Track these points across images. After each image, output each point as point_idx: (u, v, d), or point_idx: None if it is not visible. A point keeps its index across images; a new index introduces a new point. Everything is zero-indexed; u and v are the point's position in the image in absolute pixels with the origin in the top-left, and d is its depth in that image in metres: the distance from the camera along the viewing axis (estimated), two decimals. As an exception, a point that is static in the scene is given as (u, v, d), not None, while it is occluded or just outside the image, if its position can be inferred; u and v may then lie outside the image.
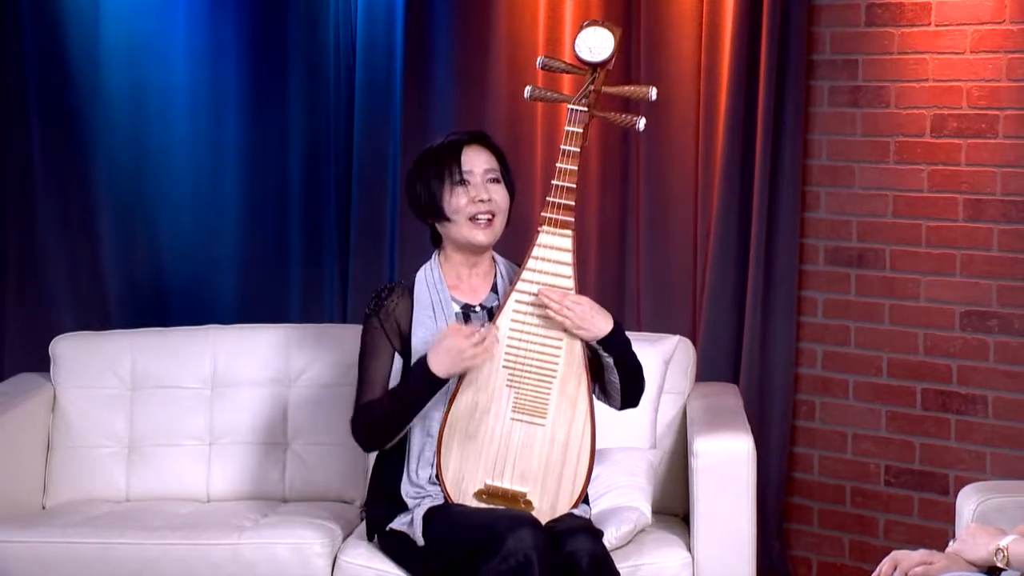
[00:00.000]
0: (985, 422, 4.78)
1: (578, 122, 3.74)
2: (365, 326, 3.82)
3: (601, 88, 3.77)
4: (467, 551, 3.57)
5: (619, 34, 3.76)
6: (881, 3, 4.92)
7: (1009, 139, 4.72)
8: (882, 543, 4.83)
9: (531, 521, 3.58)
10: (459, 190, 3.76)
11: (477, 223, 3.77)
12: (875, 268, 4.99)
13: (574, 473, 3.71)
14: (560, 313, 3.67)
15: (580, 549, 3.55)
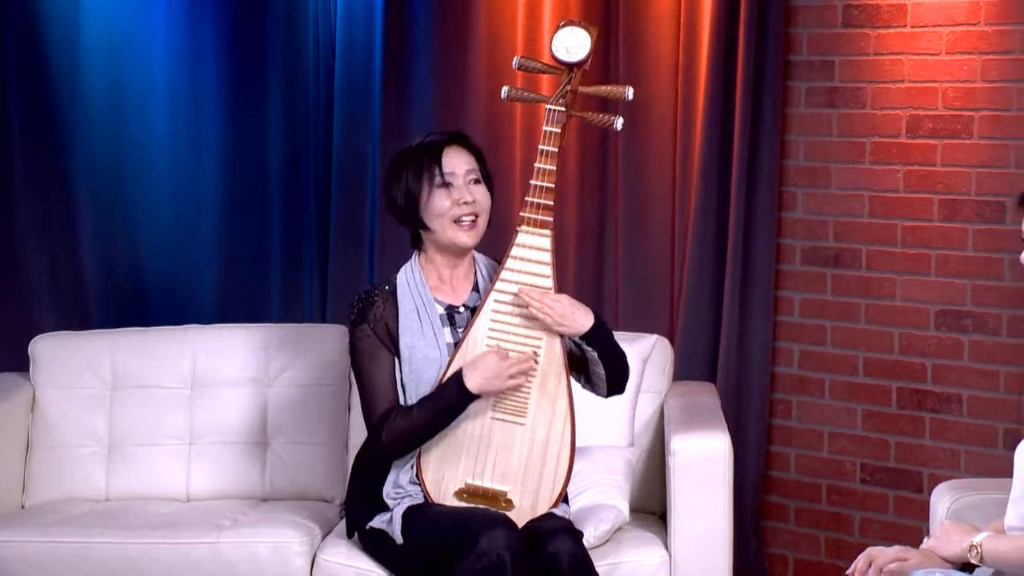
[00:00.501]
0: (959, 420, 4.80)
1: (556, 122, 3.74)
2: (355, 335, 3.78)
3: (578, 88, 3.76)
4: (443, 550, 3.57)
5: (596, 34, 3.76)
6: (858, 5, 4.93)
7: (984, 140, 4.74)
8: (857, 540, 4.84)
9: (505, 521, 3.58)
10: (441, 192, 3.74)
11: (461, 225, 3.76)
12: (851, 268, 5.00)
13: (554, 472, 3.71)
14: (541, 311, 3.67)
15: (561, 550, 3.55)
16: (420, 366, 3.74)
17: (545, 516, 3.70)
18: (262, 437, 4.34)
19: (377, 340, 3.77)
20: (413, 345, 3.75)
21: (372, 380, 3.76)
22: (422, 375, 3.73)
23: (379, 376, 3.76)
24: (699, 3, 5.09)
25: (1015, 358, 4.68)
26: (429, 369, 3.73)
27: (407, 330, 3.77)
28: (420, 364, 3.74)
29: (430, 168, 3.75)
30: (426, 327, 3.77)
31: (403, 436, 3.69)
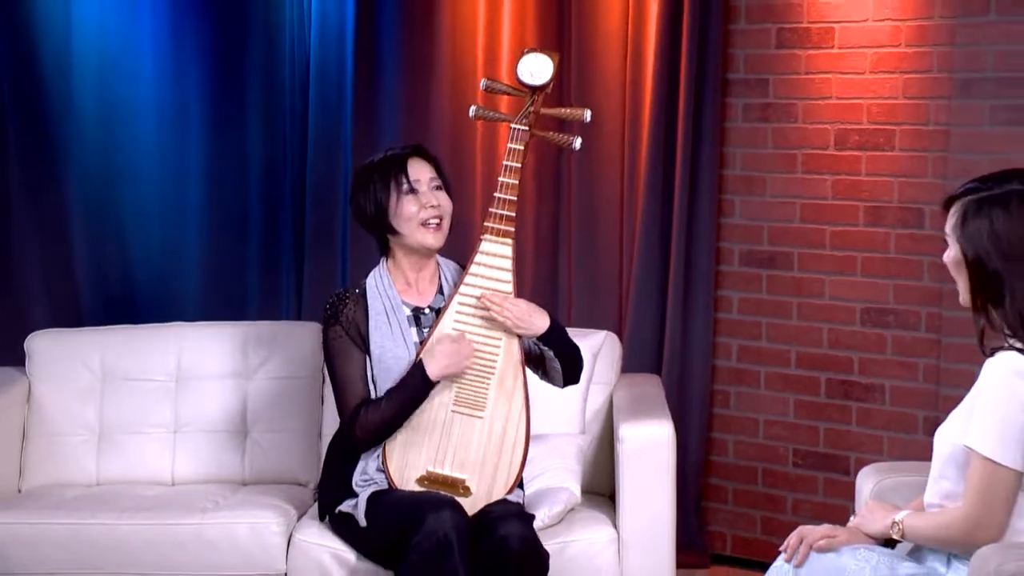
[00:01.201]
0: (883, 409, 4.82)
1: (519, 140, 3.74)
2: (328, 335, 3.78)
3: (540, 110, 3.78)
4: (398, 530, 3.57)
5: (557, 60, 3.77)
6: (790, 28, 4.95)
7: (905, 152, 4.76)
8: (790, 519, 4.86)
9: (452, 504, 3.58)
10: (409, 198, 3.74)
11: (428, 227, 3.76)
12: (784, 269, 5.01)
13: (509, 462, 3.71)
14: (501, 315, 3.68)
15: (512, 534, 3.55)
16: (390, 364, 3.74)
17: (499, 502, 3.70)
18: (242, 426, 4.33)
19: (349, 340, 3.77)
20: (383, 345, 3.75)
21: (345, 377, 3.76)
22: (391, 372, 3.73)
23: (351, 373, 3.76)
24: (644, 26, 5.10)
25: (932, 352, 4.69)
26: (398, 366, 3.73)
27: (377, 331, 3.76)
28: (390, 362, 3.74)
29: (397, 177, 3.76)
30: (394, 327, 3.77)
31: (375, 427, 3.69)
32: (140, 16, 5.29)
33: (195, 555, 3.84)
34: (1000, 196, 2.88)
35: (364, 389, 3.75)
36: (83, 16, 5.21)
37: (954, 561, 2.91)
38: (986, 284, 2.88)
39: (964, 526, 2.86)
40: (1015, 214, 2.86)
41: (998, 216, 2.86)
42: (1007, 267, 2.86)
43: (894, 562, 2.94)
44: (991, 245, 2.86)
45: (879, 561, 2.93)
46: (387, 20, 5.39)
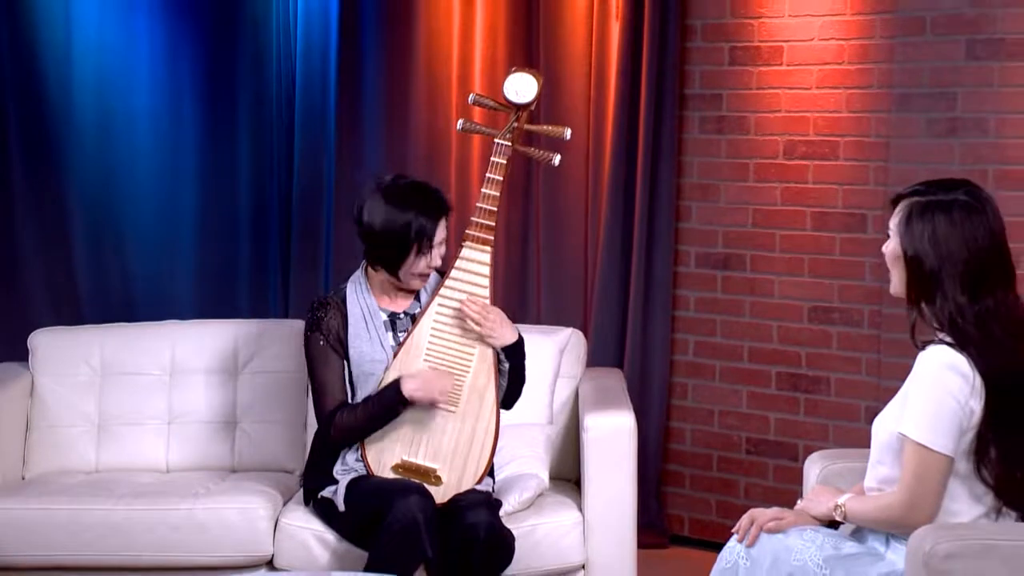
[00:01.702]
0: (828, 400, 4.83)
1: (502, 155, 3.73)
2: (310, 341, 3.78)
3: (524, 126, 3.76)
4: (372, 514, 3.58)
5: (542, 81, 3.74)
6: (742, 46, 4.96)
7: (849, 161, 4.77)
8: (743, 502, 4.85)
9: (420, 490, 3.59)
10: (421, 259, 3.70)
11: (422, 279, 3.76)
12: (737, 270, 5.02)
13: (479, 454, 3.72)
14: (478, 322, 3.68)
15: (479, 521, 3.56)
16: (367, 367, 3.75)
17: (468, 491, 3.70)
18: (232, 417, 4.32)
19: (328, 347, 3.77)
20: (360, 349, 3.75)
21: (323, 381, 3.76)
22: (368, 374, 3.74)
23: (330, 377, 3.76)
24: (607, 44, 5.10)
25: (874, 347, 4.71)
26: (374, 369, 3.74)
27: (356, 337, 3.76)
28: (367, 365, 3.75)
29: (420, 240, 3.67)
30: (372, 333, 3.77)
31: (348, 430, 3.71)
32: (137, 33, 5.28)
33: (188, 538, 3.83)
34: (945, 203, 2.89)
35: (341, 393, 3.75)
36: (83, 33, 5.20)
37: (892, 541, 2.92)
38: (921, 281, 2.90)
39: (901, 509, 2.87)
40: (956, 221, 2.87)
41: (940, 221, 2.87)
42: (942, 268, 2.87)
43: (837, 542, 2.95)
44: (930, 247, 2.87)
45: (823, 541, 2.94)
46: (368, 38, 5.39)
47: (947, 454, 2.84)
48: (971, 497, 2.89)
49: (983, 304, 2.85)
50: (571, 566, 3.85)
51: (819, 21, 4.80)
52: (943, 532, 2.70)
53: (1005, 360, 2.85)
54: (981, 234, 2.87)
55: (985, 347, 2.84)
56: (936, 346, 2.88)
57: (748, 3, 4.93)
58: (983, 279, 2.86)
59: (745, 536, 2.99)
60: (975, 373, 2.85)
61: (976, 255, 2.86)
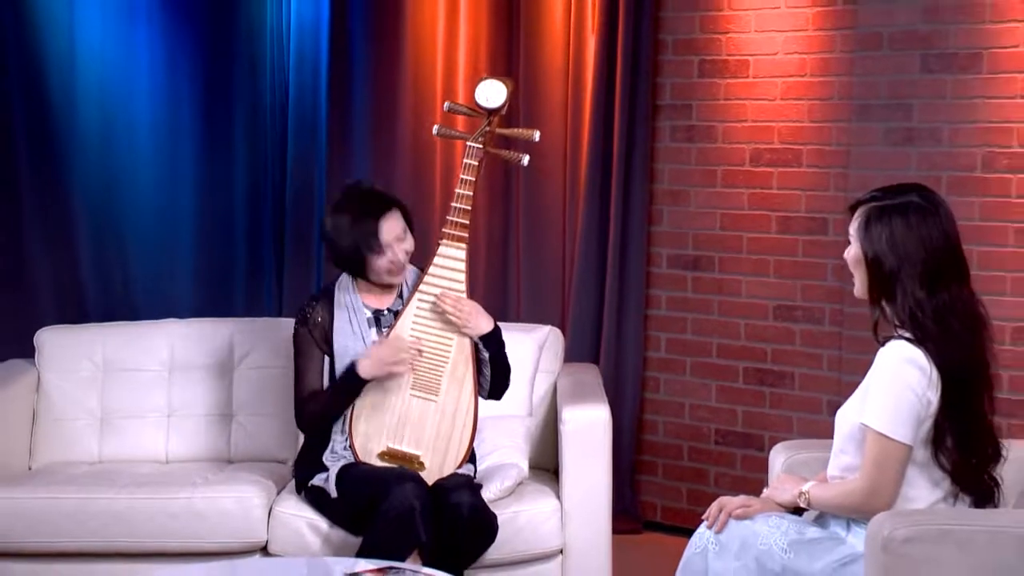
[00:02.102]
0: (792, 393, 4.84)
1: (474, 156, 3.74)
2: (298, 334, 3.81)
3: (495, 130, 3.77)
4: (367, 500, 3.58)
5: (512, 86, 3.76)
6: (711, 60, 4.97)
7: (811, 168, 4.79)
8: (712, 490, 4.87)
9: (415, 477, 3.59)
10: (380, 258, 3.70)
11: (392, 274, 3.76)
12: (706, 271, 5.03)
13: (459, 440, 3.72)
14: (454, 314, 3.69)
15: (462, 502, 3.57)
16: (349, 359, 3.75)
17: (451, 475, 3.71)
18: (228, 410, 4.31)
19: (312, 341, 3.79)
20: (345, 344, 3.76)
21: (302, 371, 3.79)
22: None
23: (308, 369, 3.78)
24: (584, 57, 5.11)
25: (835, 343, 4.72)
26: None
27: (340, 332, 3.77)
28: (349, 357, 3.75)
29: (368, 241, 3.68)
30: (355, 328, 3.78)
31: (315, 416, 3.75)
32: (137, 45, 5.27)
33: (186, 525, 3.81)
34: (900, 206, 2.90)
35: (318, 384, 3.77)
36: (86, 45, 5.18)
37: (853, 526, 2.93)
38: (882, 281, 2.91)
39: (862, 495, 2.88)
40: (911, 223, 2.88)
41: (897, 223, 2.89)
42: (901, 268, 2.88)
43: (801, 527, 2.96)
44: (888, 248, 2.88)
45: (788, 527, 2.95)
46: (357, 51, 5.39)
47: (906, 443, 2.86)
48: (929, 483, 2.90)
49: (940, 299, 2.87)
50: (550, 551, 3.85)
51: (783, 36, 4.81)
52: (901, 518, 2.71)
53: (961, 353, 2.87)
54: (936, 234, 2.89)
55: (943, 341, 2.86)
56: (896, 341, 2.90)
57: (716, 19, 4.94)
58: (939, 276, 2.88)
59: (714, 522, 3.00)
60: (932, 367, 2.86)
61: (932, 254, 2.87)
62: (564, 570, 3.86)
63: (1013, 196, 4.36)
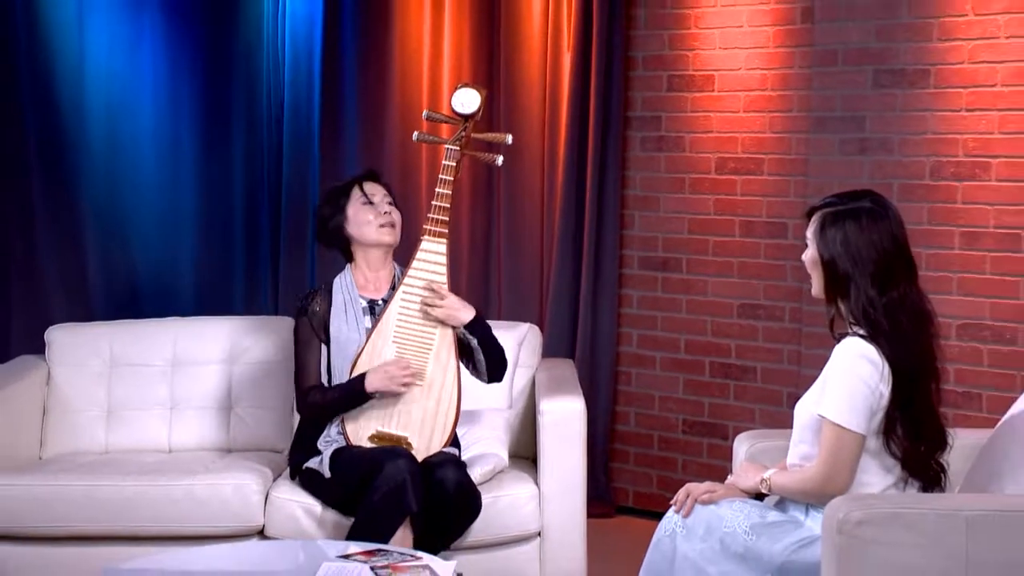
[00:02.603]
0: (755, 386, 4.85)
1: (452, 158, 3.75)
2: (298, 323, 3.82)
3: (471, 134, 3.78)
4: (359, 478, 3.58)
5: (485, 93, 3.78)
6: (678, 75, 4.98)
7: (772, 176, 4.80)
8: (680, 477, 4.87)
9: (406, 455, 3.60)
10: (366, 208, 3.78)
11: (383, 228, 3.79)
12: (675, 272, 5.03)
13: (444, 421, 3.72)
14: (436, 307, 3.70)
15: (448, 477, 3.58)
16: (344, 344, 3.77)
17: (437, 453, 3.71)
18: (227, 403, 4.30)
19: (312, 330, 3.79)
20: (340, 329, 3.78)
21: (304, 361, 3.79)
22: (346, 352, 3.76)
23: (309, 358, 3.79)
24: (560, 74, 5.12)
25: (795, 339, 4.73)
26: (351, 346, 3.76)
27: (336, 318, 3.78)
28: (344, 343, 3.76)
29: (355, 194, 3.80)
30: (350, 316, 3.78)
31: (317, 408, 3.75)
32: (142, 63, 5.25)
33: (188, 511, 3.80)
34: (853, 211, 2.91)
35: (317, 374, 3.77)
36: (94, 64, 5.16)
37: (811, 510, 2.94)
38: (837, 281, 2.92)
39: (819, 482, 2.89)
40: (864, 226, 2.89)
41: (850, 227, 2.89)
42: (855, 269, 2.89)
43: (763, 511, 2.97)
44: (843, 250, 2.89)
45: (751, 511, 2.96)
46: (347, 65, 5.38)
47: (860, 432, 2.87)
48: (881, 469, 2.91)
49: (891, 297, 2.88)
50: (529, 533, 3.85)
51: (745, 53, 4.82)
52: (855, 502, 2.72)
53: (910, 348, 2.88)
54: (886, 237, 2.90)
55: (893, 337, 2.87)
56: (850, 338, 2.91)
57: (684, 37, 4.95)
58: (890, 276, 2.89)
59: (682, 507, 3.01)
60: (884, 362, 2.87)
61: (883, 255, 2.88)
62: (542, 551, 3.86)
63: (959, 202, 4.38)
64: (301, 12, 5.39)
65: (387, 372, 3.67)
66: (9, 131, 5.06)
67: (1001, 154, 4.29)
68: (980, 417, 4.21)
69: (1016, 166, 4.26)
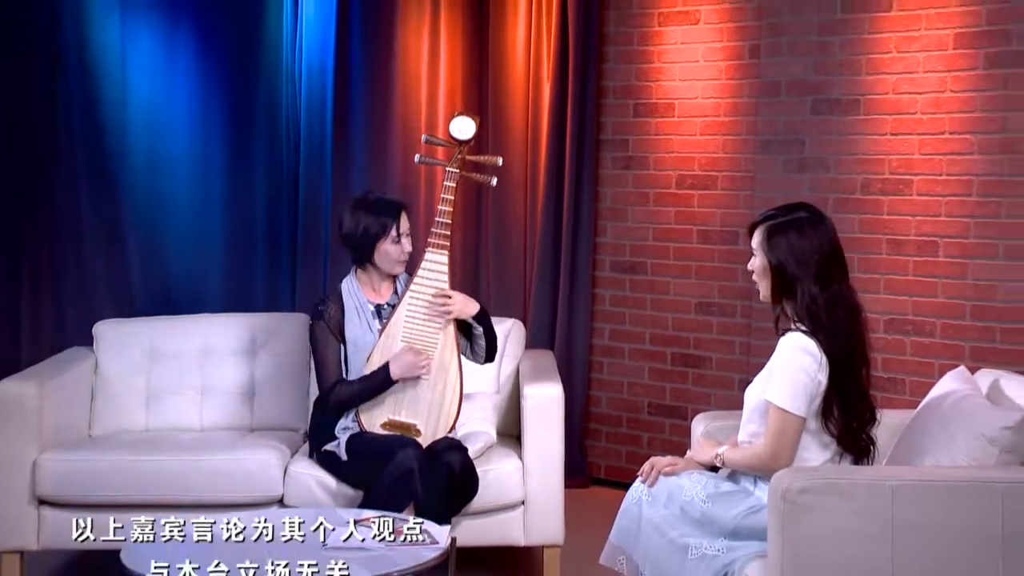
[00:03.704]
0: (710, 373, 4.85)
1: (451, 179, 3.75)
2: (314, 330, 3.77)
3: (466, 157, 3.78)
4: (374, 460, 3.58)
5: (479, 121, 3.78)
6: (643, 103, 4.99)
7: (725, 190, 4.81)
8: (645, 452, 4.85)
9: (414, 443, 3.60)
10: (394, 246, 3.71)
11: (400, 264, 3.76)
12: (641, 274, 5.04)
13: (448, 410, 3.73)
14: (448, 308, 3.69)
15: (453, 459, 3.59)
16: (360, 345, 3.75)
17: (442, 439, 3.71)
18: (251, 388, 4.29)
19: (329, 332, 3.76)
20: (355, 332, 3.76)
21: (325, 360, 3.76)
22: (360, 351, 3.74)
23: (330, 358, 3.75)
24: (541, 102, 5.11)
25: (744, 333, 4.75)
26: (365, 347, 3.74)
27: (350, 323, 3.76)
28: (360, 345, 3.75)
29: (389, 226, 3.71)
30: (362, 320, 3.77)
31: (344, 401, 3.71)
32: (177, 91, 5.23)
33: (216, 482, 3.81)
34: (793, 221, 2.93)
35: (338, 371, 3.74)
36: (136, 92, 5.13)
37: (759, 482, 2.96)
38: (784, 284, 2.93)
39: (765, 457, 2.91)
40: (805, 233, 2.91)
41: (793, 235, 2.91)
42: (799, 271, 2.91)
43: (717, 482, 2.99)
44: (788, 255, 2.90)
45: (707, 481, 2.98)
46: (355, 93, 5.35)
47: (801, 415, 2.89)
48: (819, 446, 2.93)
49: (830, 292, 2.89)
50: (514, 501, 3.85)
51: (701, 84, 4.84)
52: (797, 474, 2.74)
53: (844, 339, 2.90)
54: (824, 241, 2.92)
55: (831, 330, 2.88)
56: (793, 333, 2.93)
57: (648, 70, 4.97)
58: (829, 274, 2.90)
59: (647, 478, 3.03)
60: (822, 353, 2.89)
61: (823, 256, 2.90)
62: (525, 517, 3.87)
63: (885, 214, 4.41)
64: (315, 48, 5.38)
65: (409, 360, 3.65)
66: (61, 150, 5.05)
67: (921, 172, 4.32)
68: (904, 400, 4.23)
69: (934, 183, 4.29)
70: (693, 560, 2.87)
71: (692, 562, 2.87)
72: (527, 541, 3.86)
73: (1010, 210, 4.12)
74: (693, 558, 2.87)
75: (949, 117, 4.22)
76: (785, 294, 2.93)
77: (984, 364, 3.88)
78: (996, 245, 4.14)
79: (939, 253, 4.28)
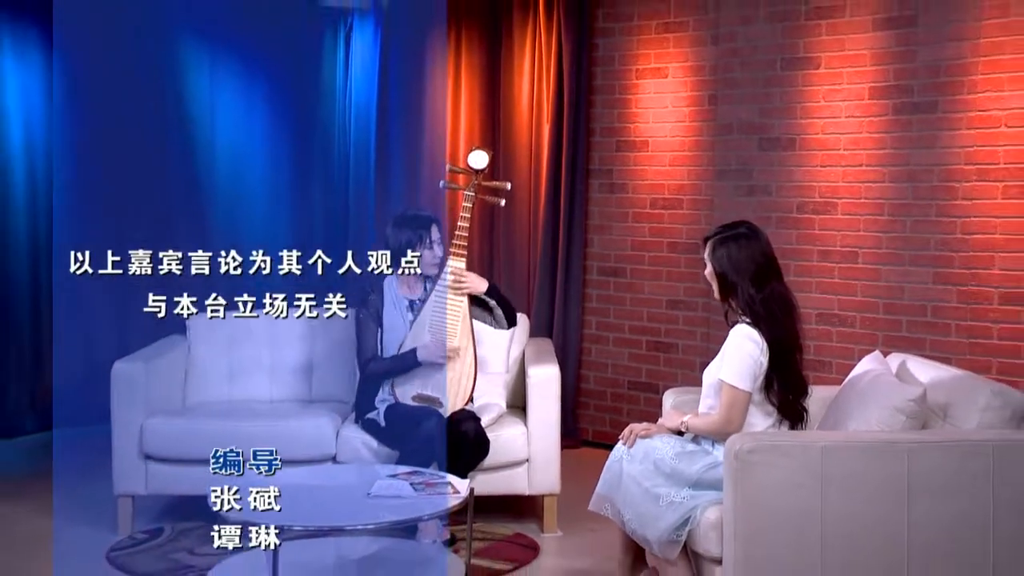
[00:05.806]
0: (678, 357, 4.86)
1: (469, 201, 3.77)
2: (359, 313, 3.78)
3: (481, 182, 3.80)
4: (405, 427, 3.59)
5: (491, 154, 3.81)
6: (624, 140, 4.99)
7: (689, 211, 4.81)
8: (625, 420, 4.79)
9: (437, 414, 3.61)
10: (427, 251, 3.73)
11: (433, 266, 3.77)
12: (622, 277, 5.03)
13: (465, 387, 3.74)
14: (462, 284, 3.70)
15: (468, 428, 3.61)
16: (395, 332, 3.77)
17: (460, 410, 3.73)
18: (309, 367, 4.27)
19: (370, 317, 3.78)
20: (391, 320, 3.78)
21: (365, 339, 3.78)
22: (394, 336, 3.77)
23: (368, 338, 3.78)
24: (542, 139, 5.11)
25: (704, 324, 4.75)
26: (399, 332, 3.77)
27: (388, 314, 3.79)
28: (397, 332, 3.77)
29: (422, 237, 3.73)
30: (398, 311, 3.79)
31: (378, 373, 3.73)
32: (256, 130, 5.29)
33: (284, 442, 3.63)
34: (734, 235, 2.93)
35: (374, 348, 3.75)
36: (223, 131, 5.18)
37: (716, 444, 2.97)
38: (727, 286, 2.94)
39: (720, 425, 2.94)
40: (743, 246, 2.91)
41: (732, 247, 2.91)
42: (737, 277, 2.91)
43: (684, 444, 3.00)
44: (729, 264, 2.91)
45: (675, 443, 2.99)
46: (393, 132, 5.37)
47: (747, 391, 2.91)
48: (763, 415, 2.95)
49: (766, 292, 2.90)
50: (520, 459, 3.86)
51: (670, 125, 4.86)
52: (746, 437, 2.76)
53: (780, 330, 2.92)
54: (759, 252, 2.92)
55: (769, 322, 2.90)
56: (740, 324, 2.95)
57: (627, 114, 4.98)
58: (764, 278, 2.91)
59: (627, 440, 3.04)
60: (763, 340, 2.91)
61: (757, 265, 2.90)
62: (529, 472, 3.87)
63: (816, 229, 4.42)
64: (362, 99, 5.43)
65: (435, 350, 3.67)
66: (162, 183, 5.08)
67: (844, 196, 4.34)
68: (830, 378, 4.24)
69: (854, 205, 4.32)
70: (664, 506, 2.89)
71: (663, 507, 2.89)
72: (531, 491, 3.87)
73: (913, 227, 4.16)
74: (664, 504, 2.89)
75: (866, 153, 4.26)
76: (729, 294, 2.94)
77: (894, 349, 3.90)
78: (903, 255, 4.18)
79: (859, 260, 4.31)
